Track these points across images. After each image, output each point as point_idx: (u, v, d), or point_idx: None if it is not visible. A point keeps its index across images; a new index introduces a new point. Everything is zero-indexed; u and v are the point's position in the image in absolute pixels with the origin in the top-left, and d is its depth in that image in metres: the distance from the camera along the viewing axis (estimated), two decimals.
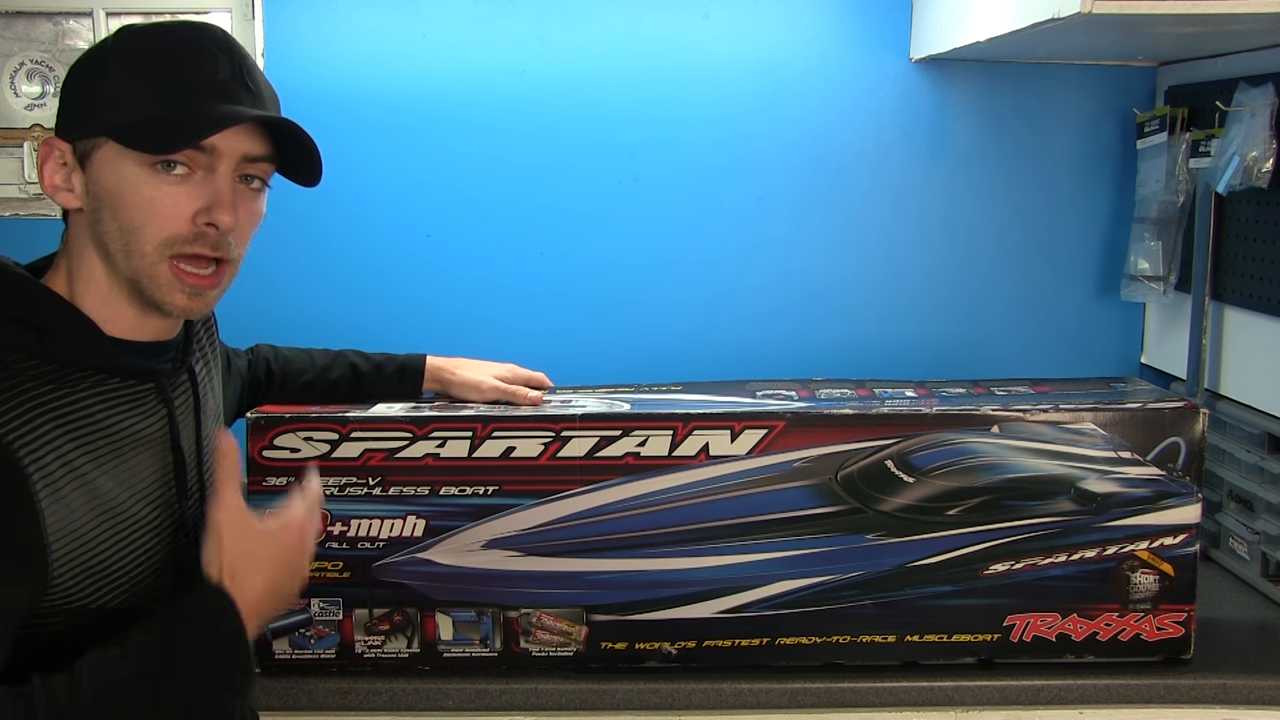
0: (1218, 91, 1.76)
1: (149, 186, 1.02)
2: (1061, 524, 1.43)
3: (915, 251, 2.03)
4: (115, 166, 1.02)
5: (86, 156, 1.04)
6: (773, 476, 1.42)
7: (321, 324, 1.91)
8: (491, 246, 1.99)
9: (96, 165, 1.03)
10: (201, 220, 1.03)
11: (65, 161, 1.05)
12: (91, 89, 1.04)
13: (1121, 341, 2.07)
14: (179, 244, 1.03)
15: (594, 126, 1.97)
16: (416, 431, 1.41)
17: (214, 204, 1.03)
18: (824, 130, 1.99)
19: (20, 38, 1.96)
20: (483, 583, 1.43)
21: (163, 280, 1.04)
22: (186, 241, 1.03)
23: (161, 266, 1.03)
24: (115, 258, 1.04)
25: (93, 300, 1.05)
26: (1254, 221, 1.73)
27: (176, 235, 1.03)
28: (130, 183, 1.02)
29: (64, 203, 1.06)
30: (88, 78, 1.05)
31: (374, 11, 1.94)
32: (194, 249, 1.04)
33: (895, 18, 1.97)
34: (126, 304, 1.06)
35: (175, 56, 1.04)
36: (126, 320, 1.07)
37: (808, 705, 1.44)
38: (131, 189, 1.02)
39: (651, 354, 2.01)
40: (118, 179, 1.02)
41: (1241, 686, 1.44)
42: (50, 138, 1.06)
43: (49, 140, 1.05)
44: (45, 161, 1.05)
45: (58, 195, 1.05)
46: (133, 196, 1.02)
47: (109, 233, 1.03)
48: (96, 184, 1.03)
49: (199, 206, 1.03)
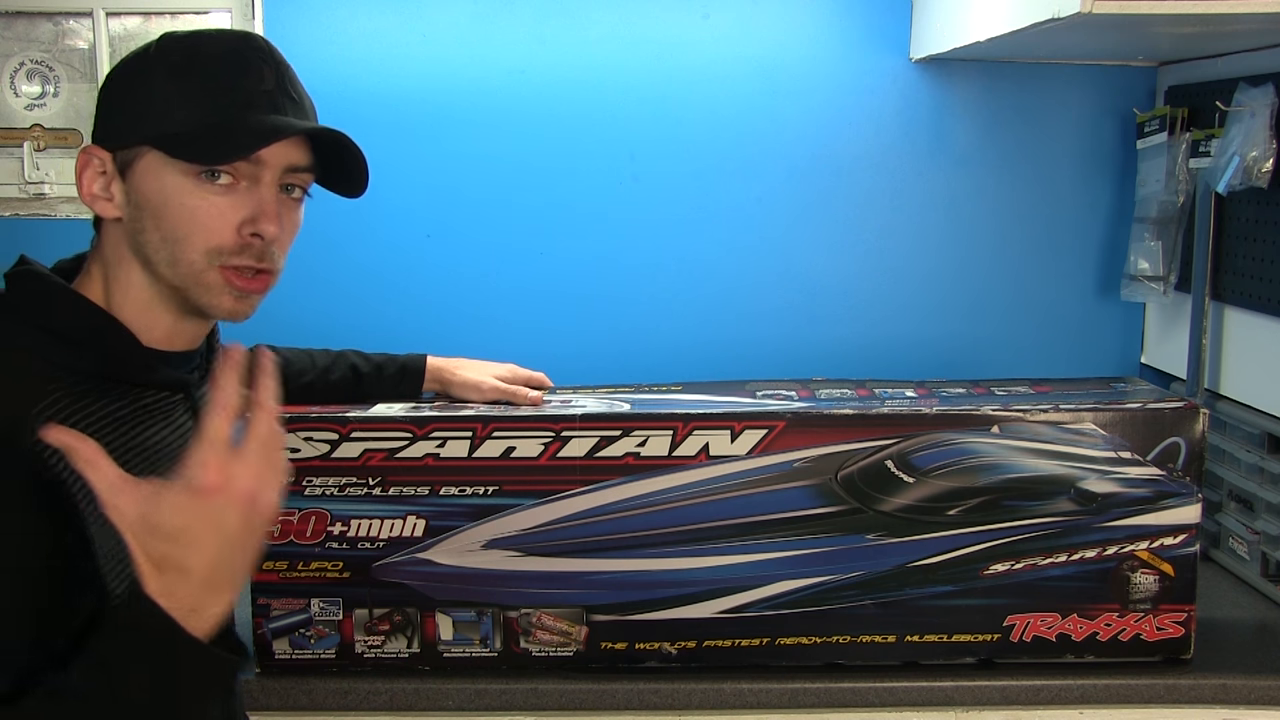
0: (1218, 91, 1.76)
1: (193, 197, 1.01)
2: (1061, 524, 1.42)
3: (915, 251, 2.03)
4: (158, 176, 1.01)
5: (128, 166, 1.02)
6: (773, 476, 1.42)
7: (321, 324, 1.91)
8: (491, 246, 1.99)
9: (138, 175, 1.02)
10: (246, 231, 1.02)
11: (105, 170, 1.03)
12: (134, 97, 1.03)
13: (1121, 341, 2.07)
14: (225, 255, 1.02)
15: (594, 126, 1.97)
16: (416, 431, 1.41)
17: (259, 215, 1.03)
18: (824, 130, 1.99)
19: (20, 38, 1.96)
20: (483, 583, 1.43)
21: (212, 285, 1.03)
22: (233, 253, 1.02)
23: (211, 274, 1.02)
24: (158, 267, 1.03)
25: (131, 309, 1.04)
26: (1254, 221, 1.73)
27: (222, 246, 1.02)
28: (174, 192, 1.01)
29: (103, 212, 1.04)
30: (129, 86, 1.04)
31: (374, 11, 1.94)
32: (240, 260, 1.03)
33: (895, 18, 1.97)
34: (165, 311, 1.05)
35: (221, 66, 1.02)
36: (162, 328, 1.06)
37: (808, 705, 1.44)
38: (175, 199, 1.01)
39: (651, 354, 2.01)
40: (161, 188, 1.01)
41: (1241, 686, 1.44)
42: (89, 146, 1.04)
43: (87, 149, 1.04)
44: (84, 170, 1.04)
45: (96, 204, 1.04)
46: (176, 207, 1.01)
47: (151, 242, 1.02)
48: (138, 193, 1.02)
49: (244, 217, 1.02)
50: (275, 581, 1.42)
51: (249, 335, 1.51)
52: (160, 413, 1.06)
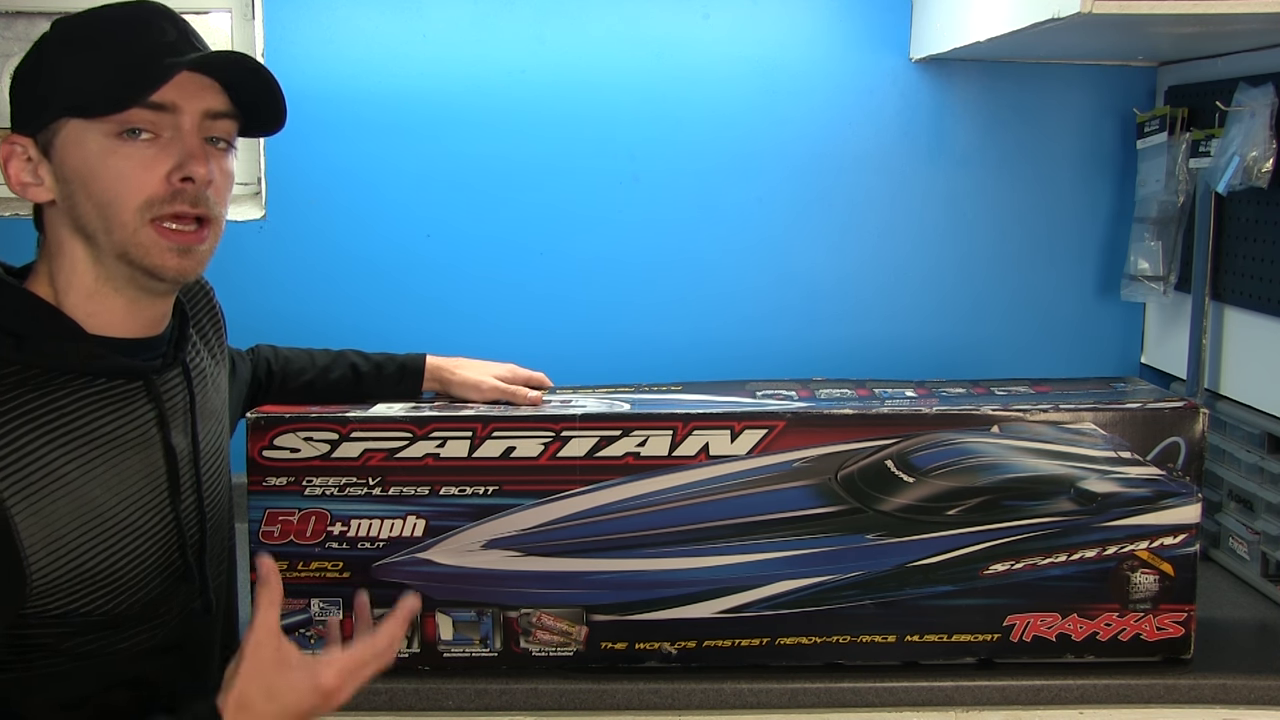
0: (1218, 91, 1.76)
1: (117, 156, 1.01)
2: (1061, 524, 1.42)
3: (915, 252, 2.03)
4: (80, 145, 1.02)
5: (49, 145, 1.03)
6: (773, 476, 1.42)
7: (322, 324, 1.91)
8: (491, 246, 1.99)
9: (61, 149, 1.03)
10: (176, 177, 1.03)
11: (29, 156, 1.04)
12: (41, 77, 1.04)
13: (1121, 341, 2.07)
14: (157, 205, 1.02)
15: (594, 126, 1.97)
16: (416, 431, 1.41)
17: (185, 159, 1.03)
18: (824, 130, 1.99)
19: (20, 38, 1.97)
20: (483, 583, 1.43)
21: (149, 245, 1.03)
22: (165, 201, 1.02)
23: (146, 231, 1.02)
24: (97, 237, 1.03)
25: (78, 295, 1.05)
26: (1254, 221, 1.73)
27: (154, 196, 1.02)
28: (99, 156, 1.01)
29: (34, 197, 1.05)
30: (35, 68, 1.05)
31: (374, 11, 1.94)
32: (174, 208, 1.03)
33: (895, 18, 1.97)
34: (114, 292, 1.05)
35: (120, 28, 1.04)
36: (115, 313, 1.06)
37: (808, 705, 1.44)
38: (100, 162, 1.01)
39: (651, 354, 2.01)
40: (85, 156, 1.02)
41: (1241, 686, 1.44)
42: (9, 136, 1.05)
43: (8, 139, 1.04)
44: (8, 161, 1.04)
45: (28, 192, 1.05)
46: (103, 169, 1.01)
47: (86, 213, 1.03)
48: (65, 167, 1.03)
49: (171, 165, 1.03)
50: None
51: (250, 335, 1.52)
52: (116, 401, 1.06)
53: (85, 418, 1.02)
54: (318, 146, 1.93)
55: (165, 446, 1.09)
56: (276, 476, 1.39)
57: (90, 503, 1.01)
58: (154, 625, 1.08)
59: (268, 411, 1.42)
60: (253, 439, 1.39)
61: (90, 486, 1.01)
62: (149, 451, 1.08)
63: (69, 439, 1.00)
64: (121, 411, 1.06)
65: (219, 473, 1.21)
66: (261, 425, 1.39)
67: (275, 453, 1.39)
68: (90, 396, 1.04)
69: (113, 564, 1.03)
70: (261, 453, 1.39)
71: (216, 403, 1.25)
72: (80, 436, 1.01)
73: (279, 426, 1.39)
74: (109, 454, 1.04)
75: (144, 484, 1.07)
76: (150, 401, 1.09)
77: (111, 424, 1.05)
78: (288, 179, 1.95)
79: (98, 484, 1.02)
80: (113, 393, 1.06)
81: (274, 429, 1.39)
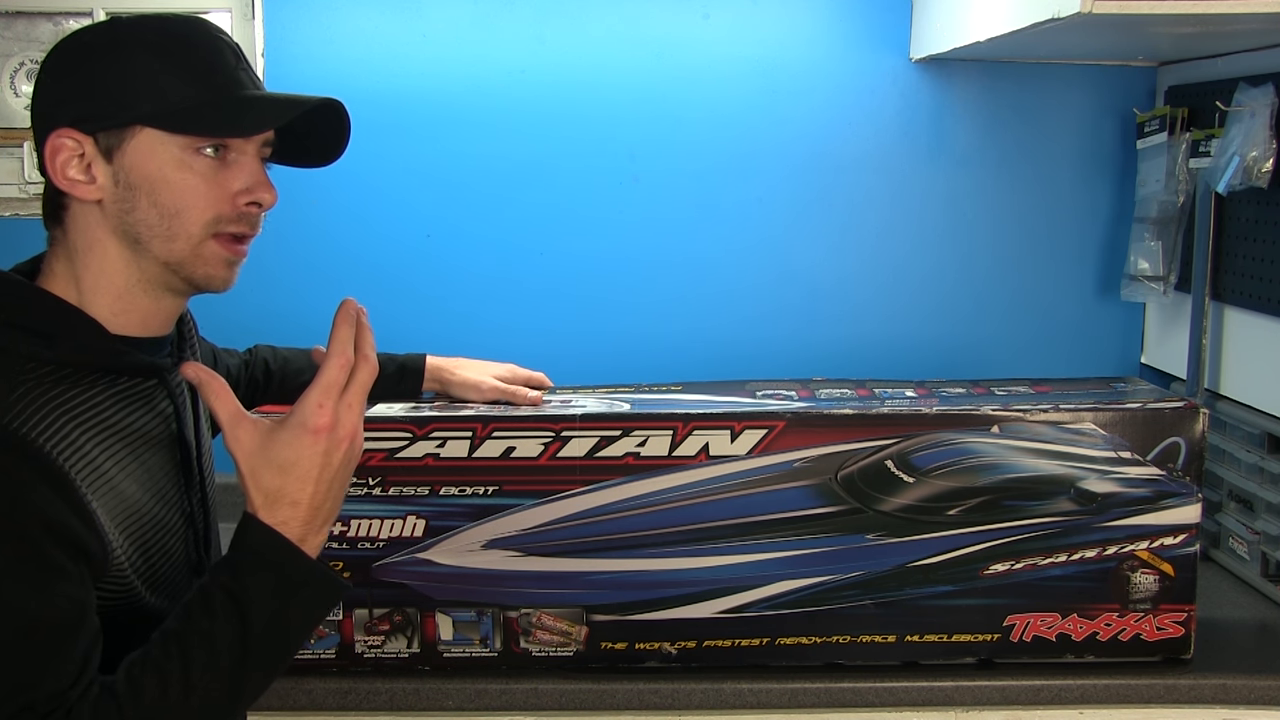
0: (1218, 91, 1.76)
1: (192, 172, 1.03)
2: (1061, 524, 1.42)
3: (915, 251, 2.03)
4: (153, 154, 1.02)
5: (114, 147, 1.02)
6: (773, 476, 1.42)
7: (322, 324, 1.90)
8: (491, 246, 1.99)
9: (130, 154, 1.02)
10: (243, 200, 1.05)
11: (82, 153, 1.03)
12: (113, 78, 1.03)
13: (1121, 341, 2.07)
14: (224, 223, 1.04)
15: (594, 126, 1.97)
16: (416, 431, 1.41)
17: (255, 184, 1.06)
18: (824, 130, 1.99)
19: (20, 38, 1.96)
20: (483, 583, 1.43)
21: (209, 257, 1.05)
22: (230, 221, 1.05)
23: (209, 244, 1.04)
24: (151, 244, 1.03)
25: (106, 295, 1.05)
26: (1254, 221, 1.73)
27: (222, 214, 1.04)
28: (174, 168, 1.02)
29: (83, 195, 1.03)
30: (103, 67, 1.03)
31: (374, 11, 1.94)
32: (237, 228, 1.05)
33: (895, 18, 1.97)
34: (143, 293, 1.05)
35: (191, 46, 1.05)
36: (138, 313, 1.06)
37: (808, 705, 1.44)
38: (175, 173, 1.02)
39: (651, 354, 2.01)
40: (159, 165, 1.02)
41: (1241, 686, 1.44)
42: (58, 131, 1.03)
43: (59, 133, 1.03)
44: (56, 156, 1.03)
45: (76, 189, 1.03)
46: (177, 181, 1.02)
47: (146, 220, 1.03)
48: (131, 173, 1.02)
49: (240, 187, 1.05)
50: None
51: (250, 335, 1.52)
52: (138, 398, 1.06)
53: (117, 415, 1.03)
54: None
55: (181, 441, 1.11)
56: None
57: (128, 499, 1.01)
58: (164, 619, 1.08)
59: (268, 412, 1.41)
60: None
61: (127, 483, 1.02)
62: (168, 447, 1.09)
63: (106, 435, 1.01)
64: (144, 409, 1.07)
65: (212, 466, 1.23)
66: None
67: None
68: (117, 394, 1.04)
69: (149, 559, 1.03)
70: None
71: None
72: (116, 433, 1.02)
73: None
74: (139, 450, 1.05)
75: (165, 479, 1.08)
76: (167, 398, 1.10)
77: (138, 421, 1.06)
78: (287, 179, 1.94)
79: (132, 480, 1.03)
80: (135, 390, 1.06)
81: None
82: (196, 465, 1.14)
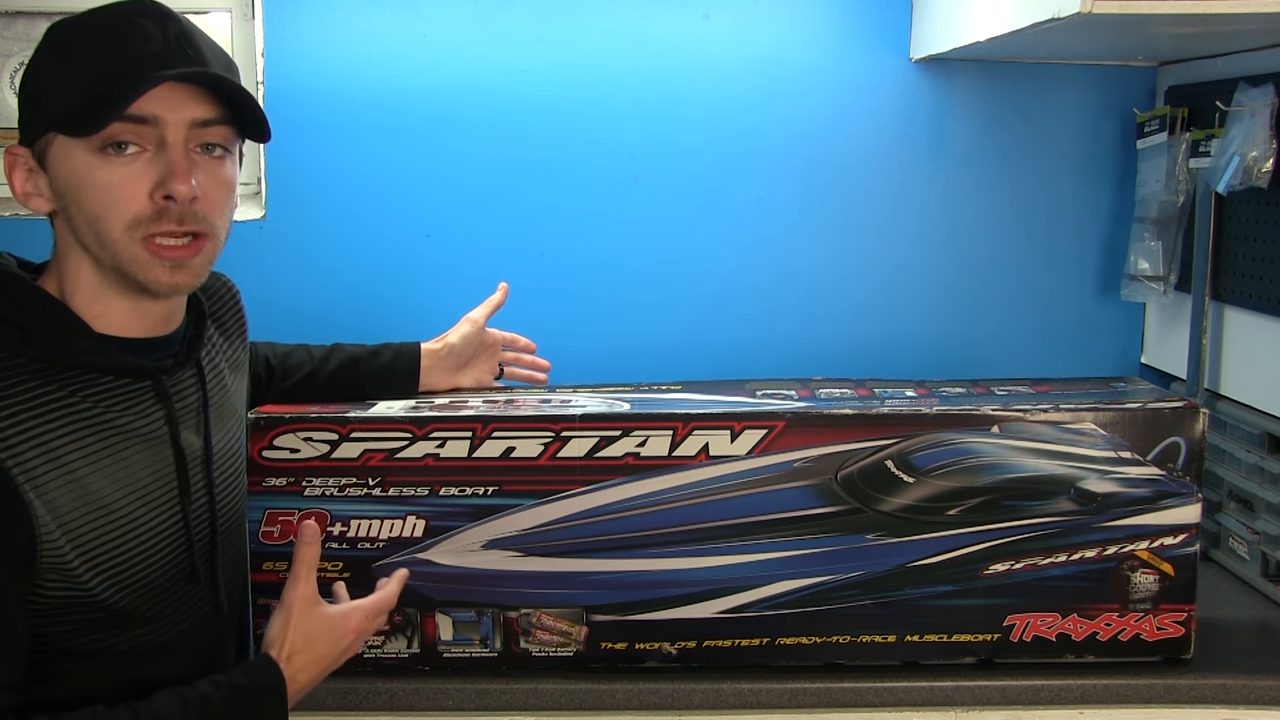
0: (1218, 91, 1.76)
1: (102, 172, 1.00)
2: (1061, 524, 1.42)
3: (915, 251, 2.03)
4: (68, 160, 1.01)
5: (43, 157, 1.02)
6: (773, 476, 1.42)
7: (322, 323, 1.90)
8: (491, 246, 1.99)
9: (52, 163, 1.02)
10: (158, 195, 1.01)
11: (30, 166, 1.03)
12: (34, 88, 1.03)
13: (1121, 341, 2.07)
14: (145, 224, 1.01)
15: (594, 126, 1.97)
16: (416, 432, 1.41)
17: (167, 176, 1.01)
18: (824, 130, 1.99)
19: (20, 38, 1.96)
20: (483, 583, 1.43)
21: (141, 261, 1.02)
22: (151, 220, 1.01)
23: (136, 248, 1.01)
24: (91, 249, 1.03)
25: (84, 297, 1.05)
26: (1254, 221, 1.73)
27: (140, 215, 1.01)
28: (85, 172, 1.00)
29: (35, 208, 1.04)
30: (30, 78, 1.04)
31: (374, 11, 1.94)
32: (161, 227, 1.02)
33: (895, 18, 1.97)
34: (117, 296, 1.05)
35: (102, 37, 1.01)
36: (120, 314, 1.06)
37: (808, 705, 1.44)
38: (87, 178, 1.00)
39: (651, 353, 2.01)
40: (72, 171, 1.01)
41: (1241, 686, 1.44)
42: (11, 146, 1.04)
43: (11, 149, 1.04)
44: (12, 171, 1.04)
45: (29, 201, 1.04)
46: (89, 185, 1.00)
47: (79, 226, 1.02)
48: (57, 181, 1.02)
49: (154, 182, 1.01)
50: (275, 582, 1.42)
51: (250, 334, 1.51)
52: (122, 397, 1.06)
53: (89, 409, 1.03)
54: (318, 146, 1.93)
55: (175, 446, 1.09)
56: (276, 477, 1.39)
57: (93, 492, 1.01)
58: (158, 626, 1.08)
59: (267, 411, 1.42)
60: (252, 439, 1.39)
61: (93, 476, 1.01)
62: (158, 449, 1.08)
63: (71, 427, 1.01)
64: (129, 408, 1.06)
65: (235, 474, 1.21)
66: (261, 425, 1.39)
67: (275, 453, 1.39)
68: (96, 392, 1.04)
69: (116, 556, 1.03)
70: (261, 453, 1.39)
71: (235, 403, 1.24)
72: (86, 427, 1.02)
73: (278, 427, 1.39)
74: (113, 445, 1.04)
75: (152, 481, 1.07)
76: (159, 401, 1.08)
77: (120, 418, 1.05)
78: (288, 179, 1.95)
79: (101, 474, 1.02)
80: (119, 390, 1.06)
81: (273, 429, 1.39)
82: (204, 470, 1.13)
